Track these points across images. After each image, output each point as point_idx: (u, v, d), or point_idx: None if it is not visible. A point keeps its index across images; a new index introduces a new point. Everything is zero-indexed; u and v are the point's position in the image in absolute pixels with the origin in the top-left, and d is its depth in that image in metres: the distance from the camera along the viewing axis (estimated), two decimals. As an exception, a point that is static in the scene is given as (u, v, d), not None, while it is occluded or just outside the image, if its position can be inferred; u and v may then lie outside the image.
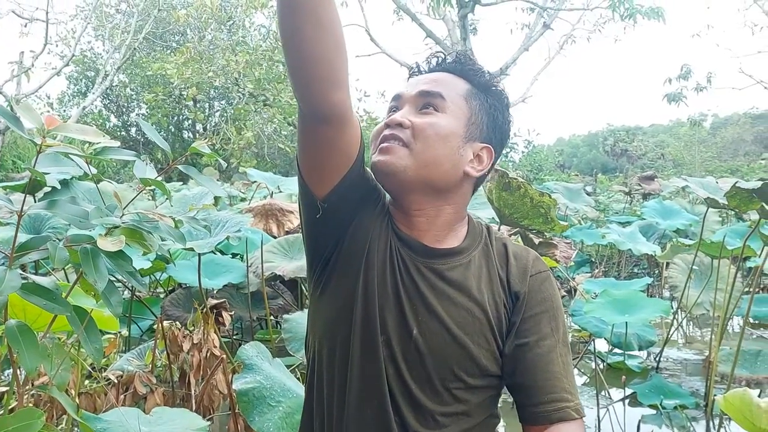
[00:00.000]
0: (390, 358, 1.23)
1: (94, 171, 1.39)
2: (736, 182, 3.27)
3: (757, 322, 5.43)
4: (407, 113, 1.26)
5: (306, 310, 2.30)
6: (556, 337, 1.24)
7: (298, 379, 2.48)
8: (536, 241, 4.79)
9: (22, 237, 1.26)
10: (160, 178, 1.42)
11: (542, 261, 1.34)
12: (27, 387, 1.56)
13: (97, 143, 1.24)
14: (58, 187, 3.50)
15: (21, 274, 1.13)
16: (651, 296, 5.76)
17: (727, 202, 3.45)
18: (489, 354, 1.24)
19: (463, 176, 1.28)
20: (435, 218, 1.28)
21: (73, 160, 1.30)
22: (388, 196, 1.33)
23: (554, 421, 1.16)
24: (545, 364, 1.20)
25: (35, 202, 1.56)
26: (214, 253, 4.20)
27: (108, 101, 25.00)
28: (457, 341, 1.22)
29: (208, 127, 24.48)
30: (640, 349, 4.30)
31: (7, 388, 1.84)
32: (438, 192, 1.27)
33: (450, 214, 1.29)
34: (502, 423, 1.29)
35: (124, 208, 1.31)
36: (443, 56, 1.34)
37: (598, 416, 3.49)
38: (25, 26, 18.35)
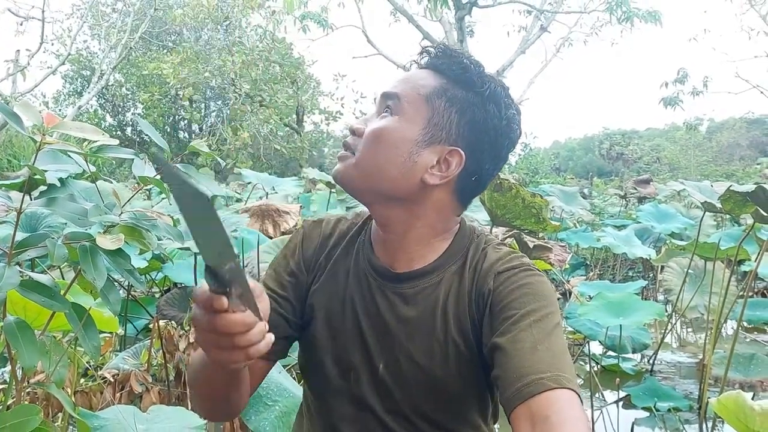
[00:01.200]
0: (360, 397, 1.22)
1: (93, 169, 1.39)
2: (730, 186, 3.28)
3: (751, 325, 5.45)
4: (369, 119, 1.20)
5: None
6: (528, 319, 1.08)
7: (294, 378, 2.48)
8: (531, 244, 4.81)
9: (19, 235, 1.26)
10: (158, 177, 1.43)
11: (519, 259, 1.21)
12: (24, 384, 1.56)
13: (96, 141, 1.24)
14: (57, 185, 3.49)
15: (20, 271, 1.13)
16: (645, 299, 5.77)
17: (721, 206, 3.47)
18: (458, 376, 1.18)
19: (423, 184, 1.16)
20: (405, 233, 1.19)
21: (71, 157, 1.30)
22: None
23: (525, 398, 0.97)
24: (515, 350, 1.04)
25: (32, 200, 1.56)
26: (210, 253, 4.20)
27: (104, 100, 24.94)
28: (424, 370, 1.18)
29: (204, 128, 24.45)
30: (634, 351, 4.31)
31: (5, 385, 1.84)
32: (395, 202, 1.17)
33: (421, 228, 1.20)
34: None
35: (122, 207, 1.32)
36: (425, 51, 1.23)
37: (592, 418, 3.50)
38: (21, 25, 18.30)
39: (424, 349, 1.18)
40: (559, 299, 6.80)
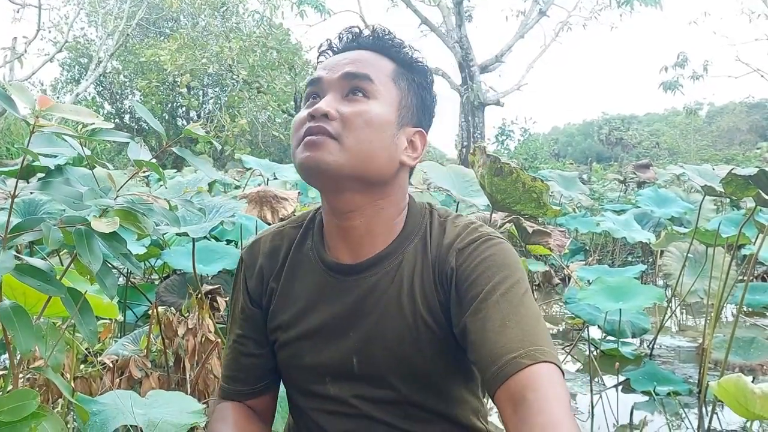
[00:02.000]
0: (339, 396, 1.23)
1: (88, 153, 1.38)
2: (732, 169, 3.27)
3: (751, 310, 5.45)
4: (333, 101, 1.12)
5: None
6: (494, 294, 1.07)
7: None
8: (530, 229, 4.80)
9: (17, 220, 1.25)
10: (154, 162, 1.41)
11: (478, 230, 1.19)
12: (22, 369, 1.56)
13: (91, 124, 1.23)
14: (53, 169, 3.50)
15: (15, 255, 1.12)
16: (645, 284, 5.77)
17: (723, 189, 3.46)
18: (434, 355, 1.17)
19: (399, 166, 1.18)
20: (372, 217, 1.18)
21: (67, 141, 1.29)
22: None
23: (502, 380, 0.97)
24: (485, 330, 1.03)
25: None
26: (209, 240, 4.20)
27: (101, 88, 24.87)
28: (398, 356, 1.17)
29: (202, 114, 24.42)
30: (634, 336, 4.31)
31: (5, 371, 1.84)
32: (373, 187, 1.16)
33: (388, 210, 1.19)
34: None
35: (118, 191, 1.30)
36: (358, 31, 1.20)
37: (592, 402, 3.50)
38: (18, 12, 18.24)
39: (395, 334, 1.18)
40: (558, 284, 6.83)
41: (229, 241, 4.58)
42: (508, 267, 1.12)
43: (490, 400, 1.12)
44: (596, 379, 3.89)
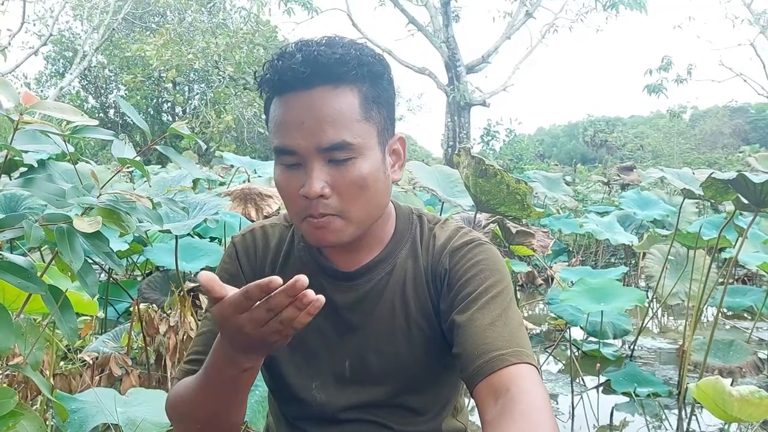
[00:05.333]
0: (325, 402, 1.22)
1: (72, 149, 1.36)
2: (711, 173, 3.30)
3: (730, 312, 5.50)
4: (321, 174, 1.06)
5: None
6: (485, 296, 1.10)
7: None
8: (514, 230, 4.82)
9: (-3, 216, 1.25)
10: (138, 159, 1.41)
11: (469, 234, 1.22)
12: (0, 366, 1.55)
13: (75, 122, 1.22)
14: (35, 165, 3.46)
15: (-5, 252, 1.12)
16: (627, 285, 5.81)
17: (703, 193, 3.49)
18: (426, 359, 1.20)
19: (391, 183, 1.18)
20: (368, 233, 1.18)
21: (51, 138, 1.28)
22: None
23: (486, 374, 1.00)
24: (474, 327, 1.07)
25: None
26: (192, 237, 4.18)
27: (86, 82, 24.70)
28: (390, 360, 1.20)
29: (187, 110, 24.30)
30: (615, 337, 4.33)
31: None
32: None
33: (381, 221, 1.20)
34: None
35: (101, 188, 1.30)
36: (306, 68, 1.06)
37: (572, 403, 3.52)
38: (2, 4, 18.08)
39: (388, 338, 1.20)
40: (541, 285, 6.86)
41: (212, 239, 4.57)
42: (498, 272, 1.16)
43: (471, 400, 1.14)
44: (577, 380, 3.92)
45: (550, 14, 19.62)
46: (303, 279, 0.86)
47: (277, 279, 0.87)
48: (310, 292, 0.87)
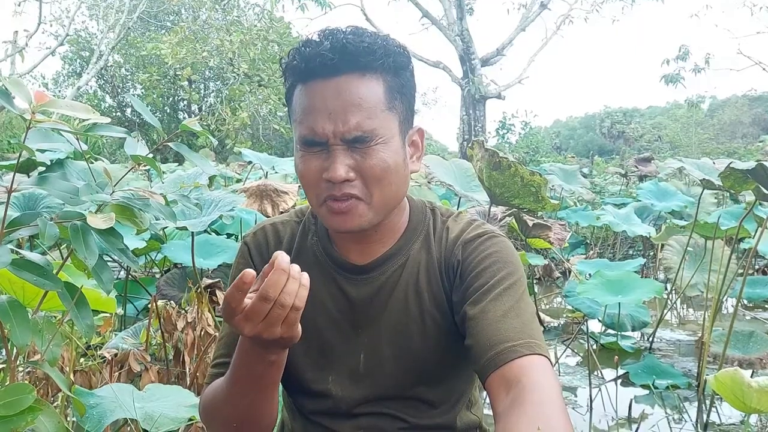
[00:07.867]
0: (340, 396, 1.22)
1: (85, 148, 1.38)
2: (730, 163, 3.27)
3: (750, 303, 5.46)
4: (345, 159, 1.08)
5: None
6: (498, 287, 1.11)
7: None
8: (530, 223, 4.80)
9: (15, 215, 1.26)
10: (152, 157, 1.41)
11: (482, 227, 1.23)
12: (19, 363, 1.56)
13: (88, 120, 1.23)
14: (48, 164, 3.50)
15: (13, 250, 1.13)
16: (645, 277, 5.77)
17: (722, 183, 3.46)
18: (439, 350, 1.21)
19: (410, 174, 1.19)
20: (383, 224, 1.19)
21: (64, 136, 1.30)
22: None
23: (499, 365, 1.01)
24: (487, 318, 1.07)
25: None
26: (209, 233, 4.21)
27: (103, 81, 24.86)
28: (405, 352, 1.20)
29: (203, 108, 24.41)
30: (633, 329, 4.31)
31: (4, 365, 1.85)
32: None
33: (396, 213, 1.21)
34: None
35: (114, 186, 1.31)
36: (334, 55, 1.07)
37: (591, 396, 3.51)
38: (19, 5, 18.24)
39: (402, 330, 1.20)
40: (558, 278, 6.83)
41: (229, 235, 4.59)
42: (512, 264, 1.16)
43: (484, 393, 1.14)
44: (595, 373, 3.90)
45: (566, 5, 19.53)
46: (281, 254, 0.93)
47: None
48: (281, 253, 0.94)
